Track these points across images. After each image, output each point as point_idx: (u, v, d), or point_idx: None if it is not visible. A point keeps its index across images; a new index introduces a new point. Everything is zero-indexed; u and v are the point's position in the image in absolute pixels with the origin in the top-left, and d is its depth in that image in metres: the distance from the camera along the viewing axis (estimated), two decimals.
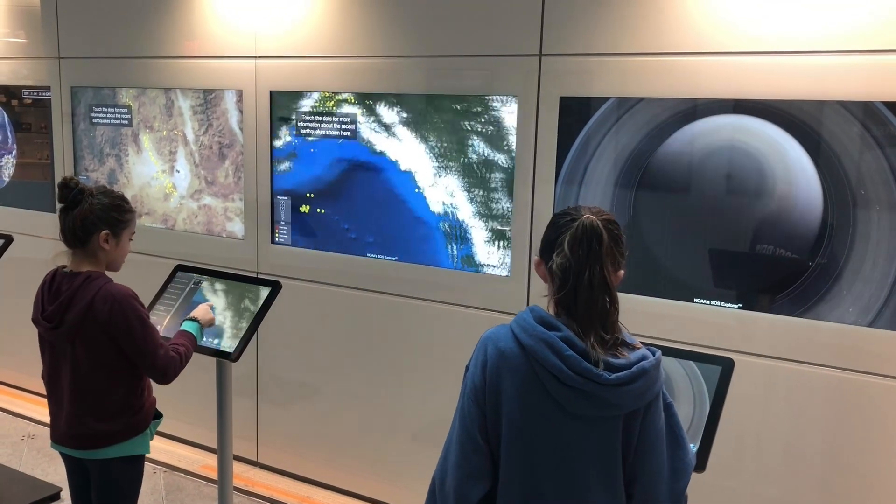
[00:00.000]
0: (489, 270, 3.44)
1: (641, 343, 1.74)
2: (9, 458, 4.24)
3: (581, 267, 1.66)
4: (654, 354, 1.71)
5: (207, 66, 4.13)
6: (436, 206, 3.54)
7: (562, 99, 3.16)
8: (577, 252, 1.66)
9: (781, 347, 2.86)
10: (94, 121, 4.64)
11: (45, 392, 2.65)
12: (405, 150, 3.58)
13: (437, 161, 3.50)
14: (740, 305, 2.92)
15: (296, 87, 3.85)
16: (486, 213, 3.41)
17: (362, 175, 3.71)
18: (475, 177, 3.41)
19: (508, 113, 3.29)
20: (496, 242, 3.40)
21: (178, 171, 4.37)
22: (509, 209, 3.34)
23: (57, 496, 3.80)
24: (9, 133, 5.13)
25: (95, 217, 2.49)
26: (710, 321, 2.96)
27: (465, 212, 3.46)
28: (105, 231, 2.51)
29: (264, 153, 3.98)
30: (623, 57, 3.03)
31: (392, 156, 3.62)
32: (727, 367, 2.20)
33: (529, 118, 3.24)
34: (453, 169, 3.45)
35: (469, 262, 3.49)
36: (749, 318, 2.90)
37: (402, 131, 3.58)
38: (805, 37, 2.70)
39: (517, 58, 3.25)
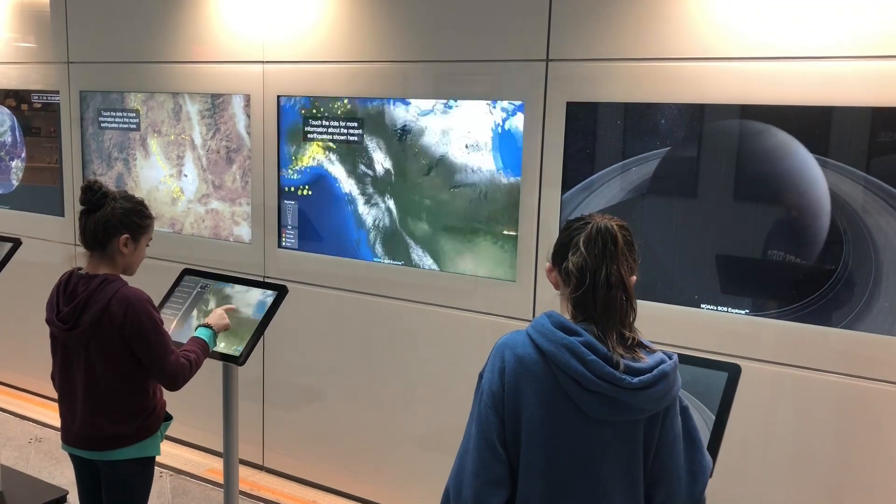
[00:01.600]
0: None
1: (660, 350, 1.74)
2: (16, 460, 4.25)
3: (598, 265, 1.66)
4: (670, 358, 1.71)
5: (215, 70, 4.15)
6: None
7: (568, 104, 3.16)
8: (593, 251, 1.67)
9: (788, 354, 2.85)
10: (103, 125, 4.66)
11: (52, 395, 2.66)
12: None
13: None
14: (747, 311, 2.91)
15: (303, 91, 3.86)
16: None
17: None
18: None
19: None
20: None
21: (186, 176, 4.38)
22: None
23: (64, 499, 3.81)
24: (18, 137, 5.15)
25: (117, 221, 2.52)
26: (717, 327, 2.96)
27: None
28: (125, 235, 2.53)
29: (272, 158, 3.99)
30: (630, 62, 3.03)
31: None
32: (734, 373, 2.20)
33: (536, 123, 3.24)
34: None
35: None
36: (756, 324, 2.89)
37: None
38: (812, 43, 2.70)
39: (524, 63, 3.26)
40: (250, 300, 3.09)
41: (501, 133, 3.34)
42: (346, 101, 3.72)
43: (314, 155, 3.87)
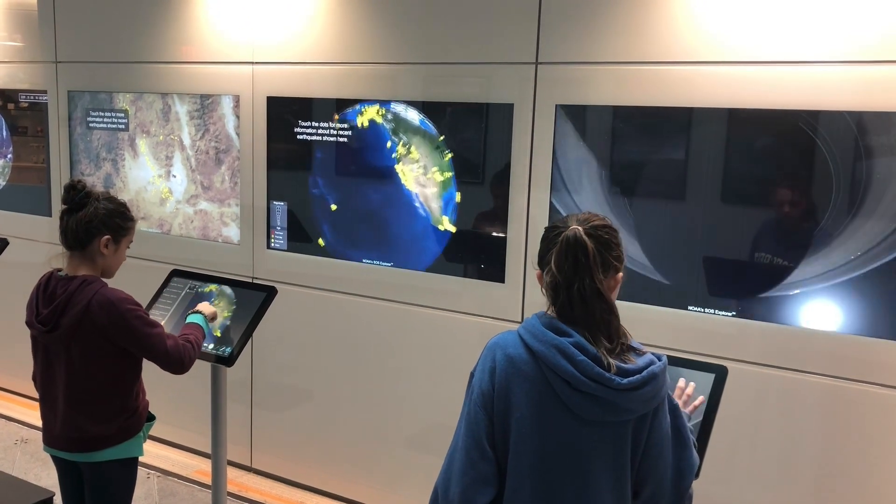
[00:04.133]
0: None
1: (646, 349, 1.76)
2: (1, 462, 4.23)
3: (570, 282, 1.67)
4: (660, 360, 1.72)
5: (204, 71, 4.14)
6: None
7: (557, 107, 3.18)
8: (563, 267, 1.67)
9: (775, 355, 2.87)
10: (91, 125, 4.64)
11: (37, 395, 2.65)
12: None
13: None
14: (734, 313, 2.93)
15: (293, 93, 3.86)
16: None
17: None
18: None
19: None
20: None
21: (175, 176, 4.37)
22: None
23: (50, 501, 3.78)
24: (5, 137, 5.12)
25: (99, 221, 2.51)
26: (704, 328, 2.97)
27: None
28: (106, 236, 2.52)
29: (260, 158, 3.98)
30: (619, 65, 3.04)
31: None
32: (720, 374, 2.21)
33: (525, 125, 3.25)
34: None
35: None
36: (742, 326, 2.91)
37: None
38: (799, 47, 2.72)
39: (514, 65, 3.27)
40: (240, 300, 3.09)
41: None
42: None
43: None
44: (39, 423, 2.68)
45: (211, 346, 2.97)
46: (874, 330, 2.71)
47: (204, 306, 2.90)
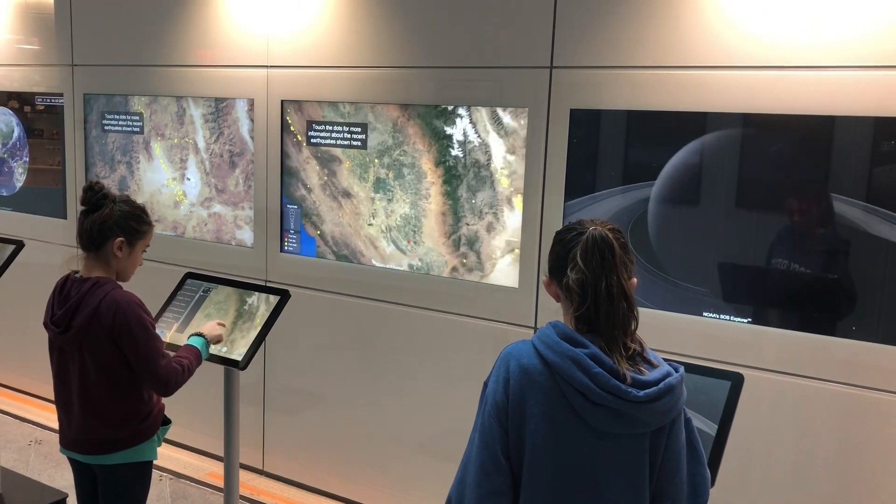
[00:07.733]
0: None
1: (663, 359, 1.73)
2: (16, 463, 4.25)
3: (597, 279, 1.64)
4: (677, 371, 1.69)
5: (219, 74, 4.16)
6: None
7: (572, 111, 3.16)
8: (591, 264, 1.65)
9: (791, 363, 2.85)
10: (106, 128, 4.67)
11: (52, 397, 2.66)
12: None
13: None
14: (750, 320, 2.91)
15: (307, 96, 3.87)
16: None
17: None
18: None
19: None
20: None
21: (189, 179, 4.39)
22: None
23: (63, 502, 3.81)
24: (21, 139, 5.16)
25: (114, 223, 2.52)
26: (720, 335, 2.95)
27: None
28: (120, 238, 2.53)
29: (274, 162, 3.99)
30: (633, 70, 3.03)
31: None
32: (736, 381, 2.19)
33: (539, 130, 3.24)
34: None
35: None
36: (759, 333, 2.89)
37: None
38: (816, 52, 2.70)
39: (528, 70, 3.26)
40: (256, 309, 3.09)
41: None
42: None
43: None
44: (53, 425, 2.69)
45: (224, 349, 2.96)
46: (891, 337, 2.68)
47: (209, 328, 2.84)
